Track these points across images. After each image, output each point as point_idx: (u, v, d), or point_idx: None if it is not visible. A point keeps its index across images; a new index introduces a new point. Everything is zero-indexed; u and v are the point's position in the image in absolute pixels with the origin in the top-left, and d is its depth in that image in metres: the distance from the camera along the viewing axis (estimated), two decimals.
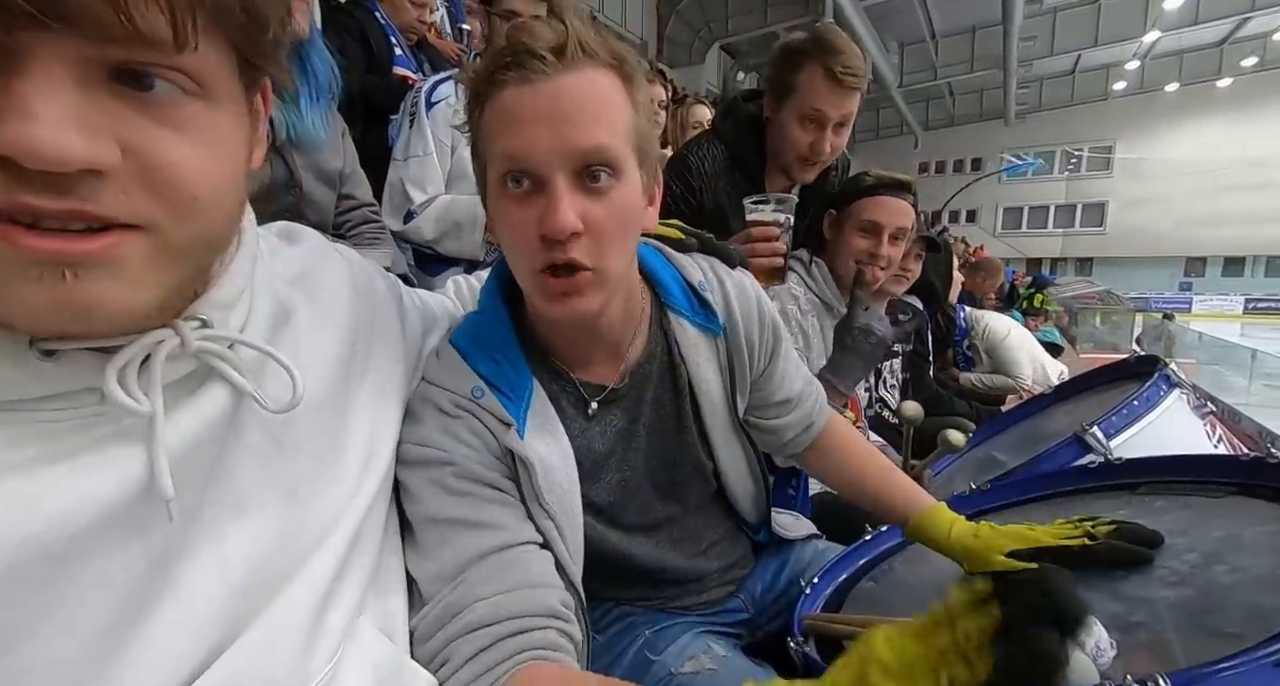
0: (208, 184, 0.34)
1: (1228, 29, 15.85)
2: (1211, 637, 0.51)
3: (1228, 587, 0.55)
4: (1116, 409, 0.96)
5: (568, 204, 0.53)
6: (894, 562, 0.88)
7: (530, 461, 0.60)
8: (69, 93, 0.28)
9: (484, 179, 0.59)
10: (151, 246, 0.32)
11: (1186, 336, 9.16)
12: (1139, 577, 0.61)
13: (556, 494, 0.61)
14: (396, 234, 1.50)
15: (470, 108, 0.58)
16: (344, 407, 0.53)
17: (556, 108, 0.52)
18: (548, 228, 0.53)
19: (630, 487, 0.72)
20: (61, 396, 0.35)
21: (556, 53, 0.52)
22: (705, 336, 0.72)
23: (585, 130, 0.53)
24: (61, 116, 0.27)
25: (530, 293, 0.60)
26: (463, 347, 0.63)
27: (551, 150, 0.52)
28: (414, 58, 2.06)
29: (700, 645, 0.75)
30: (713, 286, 0.73)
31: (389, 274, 0.67)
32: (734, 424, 0.76)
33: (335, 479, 0.50)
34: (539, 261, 0.55)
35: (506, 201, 0.56)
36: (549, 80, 0.52)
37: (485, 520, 0.57)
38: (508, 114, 0.53)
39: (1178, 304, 19.85)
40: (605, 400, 0.68)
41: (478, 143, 0.58)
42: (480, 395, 0.61)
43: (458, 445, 0.59)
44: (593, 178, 0.54)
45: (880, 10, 12.12)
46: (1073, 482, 0.87)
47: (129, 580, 0.36)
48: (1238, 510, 0.67)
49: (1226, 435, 0.98)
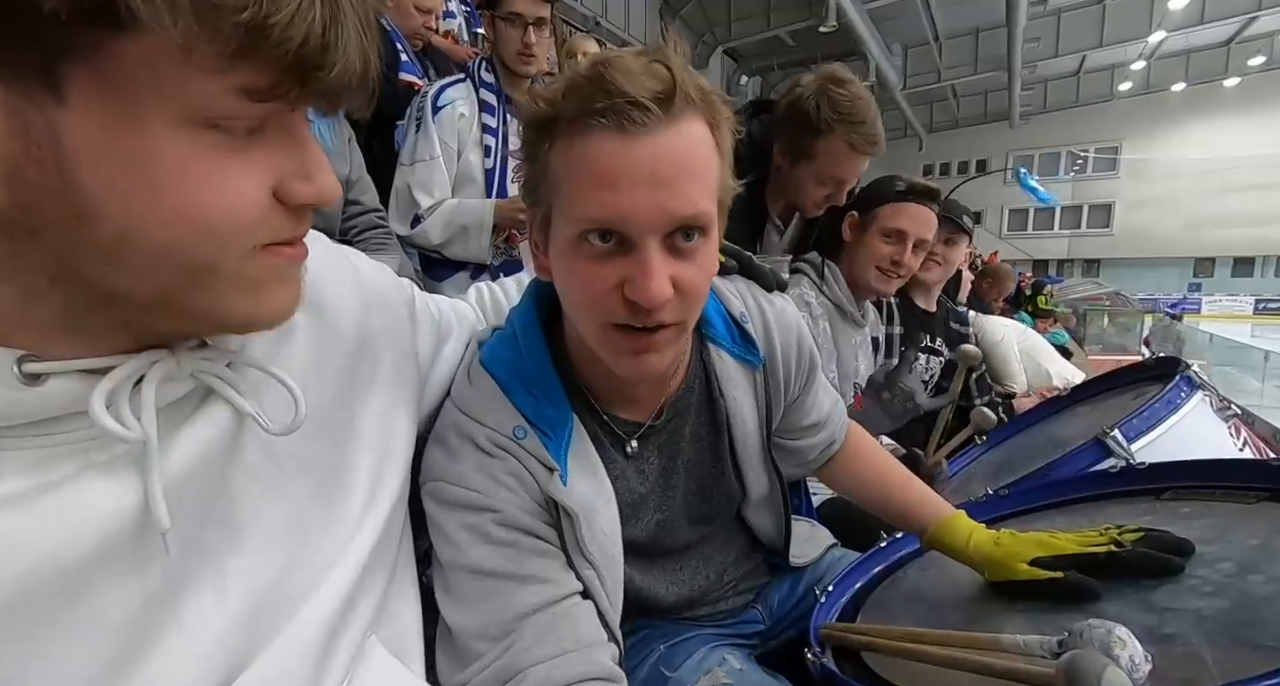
0: None
1: (1234, 28, 15.75)
2: (1250, 650, 0.49)
3: (1265, 599, 0.53)
4: (1138, 411, 0.94)
5: (662, 272, 0.50)
6: (909, 570, 0.86)
7: (574, 512, 0.58)
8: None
9: (547, 216, 0.55)
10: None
11: (1197, 338, 9.08)
12: (1170, 587, 0.59)
13: (599, 541, 0.60)
14: (403, 239, 1.50)
15: (536, 135, 0.53)
16: (349, 422, 0.51)
17: (657, 171, 0.48)
18: (639, 296, 0.50)
19: (667, 524, 0.71)
20: (52, 421, 0.34)
21: (660, 104, 0.47)
22: (744, 368, 0.71)
23: (686, 196, 0.49)
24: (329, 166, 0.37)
25: (596, 344, 0.56)
26: (500, 377, 0.60)
27: (649, 217, 0.49)
28: (420, 63, 2.06)
29: (715, 658, 0.74)
30: (753, 316, 0.71)
31: (401, 278, 0.65)
32: (765, 454, 0.75)
33: (342, 499, 0.48)
34: (615, 317, 0.52)
35: (583, 256, 0.51)
36: (650, 136, 0.48)
37: (529, 573, 0.56)
38: (598, 169, 0.48)
39: (1187, 305, 19.68)
40: (643, 436, 0.66)
41: (545, 177, 0.53)
42: (523, 436, 0.58)
43: (498, 489, 0.57)
44: (685, 238, 0.51)
45: (883, 13, 12.10)
46: (1094, 488, 0.85)
47: (126, 615, 0.35)
48: (1270, 516, 0.65)
49: (1251, 438, 0.95)
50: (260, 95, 0.31)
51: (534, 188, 0.55)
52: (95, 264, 0.31)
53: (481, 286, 0.81)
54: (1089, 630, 0.50)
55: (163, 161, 0.30)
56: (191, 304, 0.34)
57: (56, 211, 0.29)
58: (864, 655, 0.69)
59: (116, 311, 0.34)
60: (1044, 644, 0.53)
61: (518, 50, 1.47)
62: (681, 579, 0.77)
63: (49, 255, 0.31)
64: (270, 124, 0.33)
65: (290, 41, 0.29)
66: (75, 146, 0.28)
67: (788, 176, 1.32)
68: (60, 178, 0.29)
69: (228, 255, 0.33)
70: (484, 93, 1.52)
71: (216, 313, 0.35)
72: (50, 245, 0.31)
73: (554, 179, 0.52)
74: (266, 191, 0.34)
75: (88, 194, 0.29)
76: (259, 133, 0.33)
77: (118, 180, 0.29)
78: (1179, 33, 14.93)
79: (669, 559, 0.75)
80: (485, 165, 1.51)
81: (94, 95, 0.28)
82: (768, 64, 13.69)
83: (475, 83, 1.52)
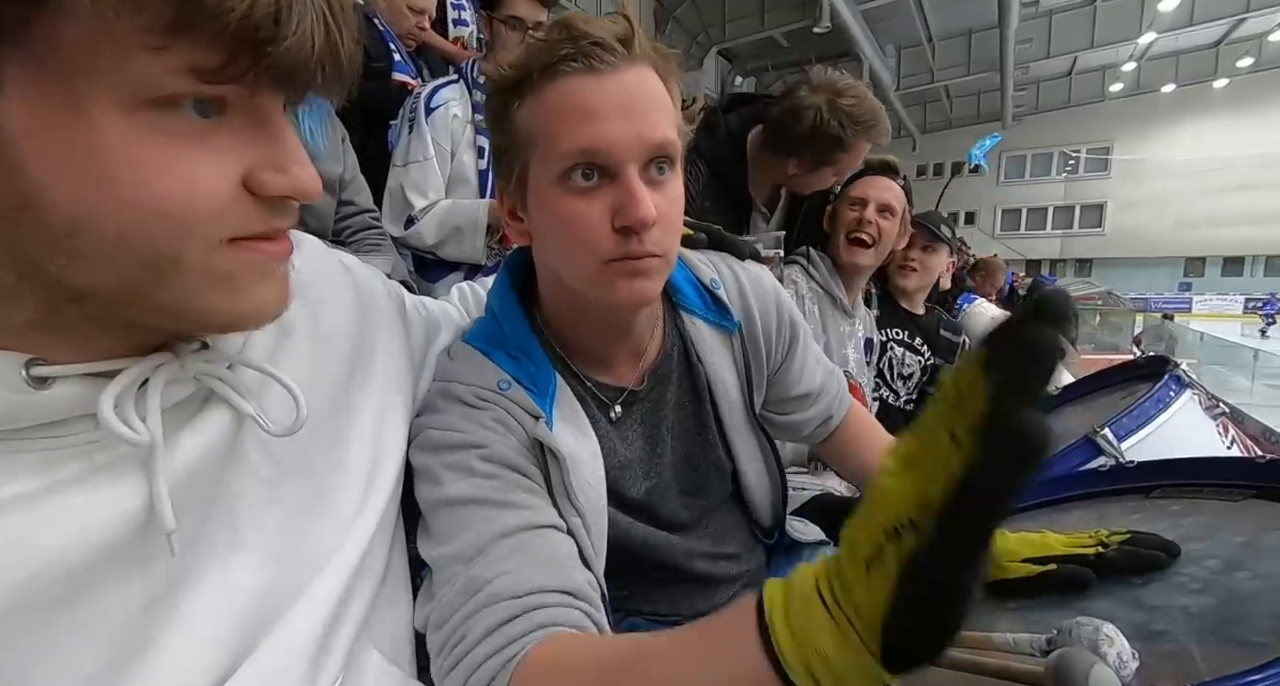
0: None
1: (1223, 30, 15.90)
2: (1236, 647, 0.49)
3: (1251, 595, 0.54)
4: (1128, 410, 0.95)
5: (648, 194, 0.53)
6: None
7: (560, 453, 0.58)
8: (298, 138, 0.35)
9: (522, 171, 0.57)
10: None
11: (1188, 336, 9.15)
12: (1158, 585, 0.59)
13: (585, 491, 0.60)
14: (397, 240, 1.49)
15: (504, 99, 0.56)
16: (346, 422, 0.51)
17: (629, 100, 0.52)
18: (631, 218, 0.52)
19: (658, 492, 0.71)
20: (58, 424, 0.34)
21: (624, 44, 0.52)
22: (720, 334, 0.72)
23: (657, 125, 0.53)
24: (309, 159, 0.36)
25: (590, 284, 0.57)
26: (480, 346, 0.62)
27: (628, 142, 0.52)
28: (413, 64, 2.05)
29: None
30: (726, 282, 0.72)
31: (390, 280, 0.65)
32: (751, 421, 0.75)
33: (338, 498, 0.48)
34: (610, 253, 0.54)
35: (568, 195, 0.54)
36: (617, 72, 0.52)
37: (510, 500, 0.55)
38: (576, 105, 0.52)
39: (1178, 304, 19.85)
40: (626, 402, 0.67)
41: (515, 138, 0.56)
42: (507, 387, 0.59)
43: (484, 430, 0.57)
44: (658, 170, 0.55)
45: (877, 14, 12.15)
46: (1085, 486, 0.85)
47: (129, 614, 0.35)
48: (1257, 514, 0.65)
49: (1239, 436, 0.96)
50: (211, 75, 0.29)
51: (505, 153, 0.58)
52: (51, 256, 0.30)
53: (463, 286, 0.82)
54: (1077, 628, 0.50)
55: (109, 148, 0.28)
56: (163, 300, 0.33)
57: (2, 201, 0.28)
58: None
59: (90, 308, 0.33)
60: (1033, 642, 0.53)
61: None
62: (691, 544, 0.75)
63: (4, 249, 0.30)
64: (236, 111, 0.32)
65: (230, 11, 0.27)
66: (14, 135, 0.27)
67: (804, 179, 1.36)
68: (3, 166, 0.28)
69: (191, 246, 0.32)
70: (478, 94, 1.52)
71: (192, 309, 0.34)
72: (3, 238, 0.30)
73: (527, 133, 0.55)
74: (232, 180, 0.32)
75: (33, 183, 0.28)
76: (223, 120, 0.32)
77: (62, 168, 0.28)
78: (1169, 34, 15.07)
79: (674, 533, 0.74)
80: (479, 166, 1.51)
81: (29, 82, 0.27)
82: (762, 65, 13.74)
83: (469, 83, 1.52)
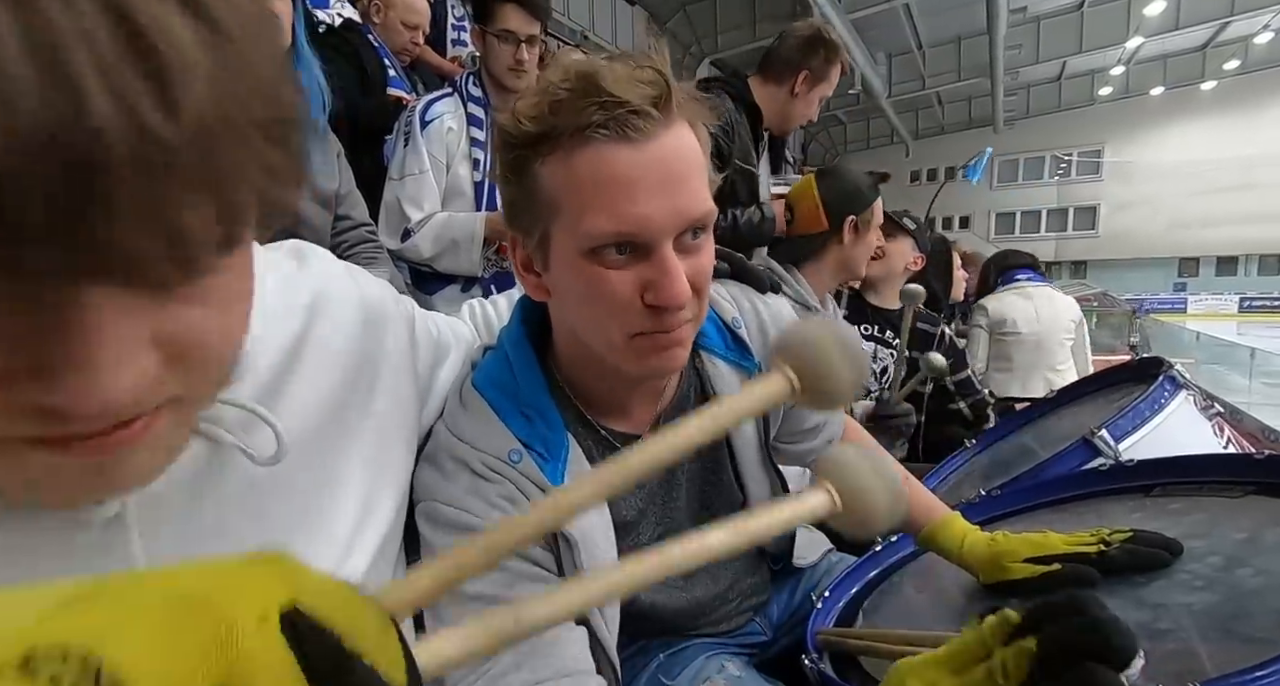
0: (232, 344, 0.31)
1: (1209, 33, 16.09)
2: (1240, 643, 0.49)
3: (1254, 591, 0.54)
4: (1124, 411, 0.95)
5: (682, 272, 0.49)
6: (907, 573, 0.87)
7: (572, 537, 0.56)
8: (111, 322, 0.23)
9: (545, 234, 0.53)
10: (179, 413, 0.30)
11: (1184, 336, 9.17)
12: (1161, 583, 0.59)
13: (596, 567, 0.58)
14: (394, 252, 1.50)
15: (522, 153, 0.51)
16: (342, 445, 0.49)
17: (667, 172, 0.48)
18: (664, 300, 0.49)
19: (669, 539, 0.70)
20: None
21: (659, 107, 0.48)
22: (739, 373, 0.70)
23: (696, 195, 0.50)
24: (122, 356, 0.24)
25: (617, 356, 0.55)
26: (492, 400, 0.59)
27: (666, 219, 0.48)
28: (407, 79, 2.07)
29: (714, 666, 0.74)
30: (747, 320, 0.71)
31: (402, 296, 0.63)
32: (764, 460, 0.74)
33: (333, 517, 0.47)
34: (639, 327, 0.52)
35: (598, 268, 0.50)
36: (654, 142, 0.48)
37: (517, 597, 0.54)
38: (610, 181, 0.48)
39: (1173, 304, 19.93)
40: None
41: (536, 197, 0.51)
42: (518, 459, 0.57)
43: (492, 511, 0.55)
44: (694, 236, 0.52)
45: (867, 22, 12.28)
46: (1085, 486, 0.85)
47: None
48: (1257, 510, 0.65)
49: (1234, 436, 0.97)
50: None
51: (523, 209, 0.54)
52: None
53: (474, 303, 0.81)
54: None
55: None
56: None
57: None
58: (861, 660, 0.69)
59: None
60: None
61: (509, 66, 1.49)
62: (691, 591, 0.75)
63: None
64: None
65: None
66: None
67: (801, 101, 1.73)
68: None
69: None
70: (472, 107, 1.53)
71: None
72: None
73: (552, 195, 0.51)
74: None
75: None
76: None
77: None
78: (1155, 38, 15.23)
79: (679, 579, 0.74)
80: (474, 178, 1.52)
81: None
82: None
83: (463, 97, 1.54)
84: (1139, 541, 0.63)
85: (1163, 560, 0.61)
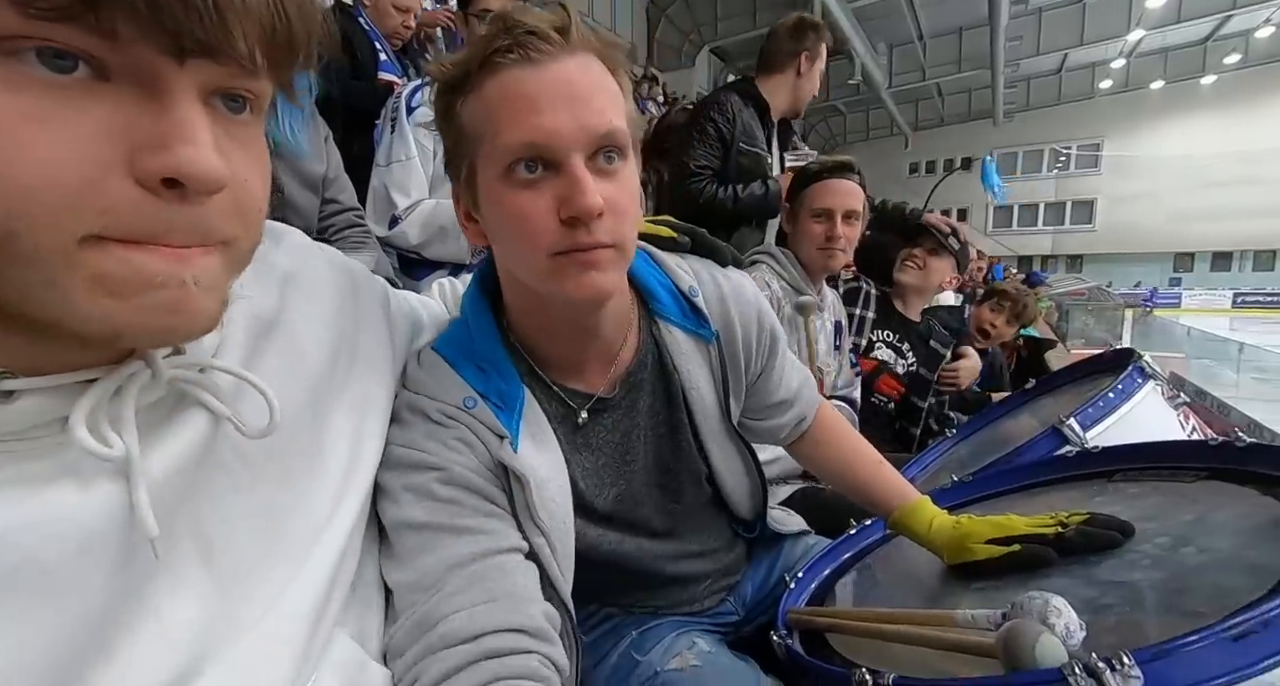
0: (264, 198, 0.36)
1: (1210, 27, 16.02)
2: (1180, 617, 0.51)
3: (1195, 568, 0.56)
4: (1092, 401, 0.97)
5: (593, 184, 0.51)
6: (878, 555, 0.89)
7: (525, 476, 0.58)
8: (205, 118, 0.30)
9: (470, 169, 0.56)
10: (227, 258, 0.34)
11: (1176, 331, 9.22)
12: (1112, 562, 0.62)
13: (549, 509, 0.60)
14: (382, 239, 1.50)
15: (448, 98, 0.55)
16: (324, 421, 0.51)
17: (570, 89, 0.51)
18: (577, 208, 0.51)
19: (628, 498, 0.71)
20: (33, 427, 0.33)
21: (560, 33, 0.51)
22: (697, 342, 0.71)
23: (601, 113, 0.52)
24: (210, 141, 0.30)
25: (541, 279, 0.56)
26: (448, 356, 0.61)
27: (571, 132, 0.51)
28: (399, 63, 2.06)
29: (685, 642, 0.76)
30: (706, 291, 0.72)
31: (375, 275, 0.65)
32: (728, 428, 0.75)
33: (314, 495, 0.48)
34: (558, 245, 0.53)
35: (513, 189, 0.53)
36: (556, 62, 0.51)
37: (469, 525, 0.56)
38: (515, 97, 0.51)
39: (1168, 299, 20.00)
40: (594, 409, 0.67)
41: (461, 136, 0.55)
42: (473, 405, 0.59)
43: (446, 451, 0.57)
44: (607, 160, 0.54)
45: (868, 12, 12.20)
46: (1051, 472, 0.88)
47: (102, 607, 0.35)
48: (1208, 494, 0.68)
49: (1199, 425, 0.99)
50: (33, 6, 0.24)
51: (453, 152, 0.57)
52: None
53: (443, 281, 0.83)
54: (1028, 602, 0.52)
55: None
56: (29, 293, 0.29)
57: None
58: (828, 636, 0.71)
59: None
60: (990, 617, 0.55)
61: None
62: (661, 545, 0.76)
63: None
64: (122, 77, 0.28)
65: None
66: None
67: (806, 80, 1.95)
68: None
69: (39, 228, 0.27)
70: None
71: (57, 311, 0.29)
72: None
73: (472, 128, 0.54)
74: (93, 156, 0.27)
75: None
76: (103, 87, 0.28)
77: None
78: (1157, 31, 15.18)
79: (648, 540, 0.75)
80: None
81: None
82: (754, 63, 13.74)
83: None
84: (1094, 523, 0.65)
85: (1115, 541, 0.63)
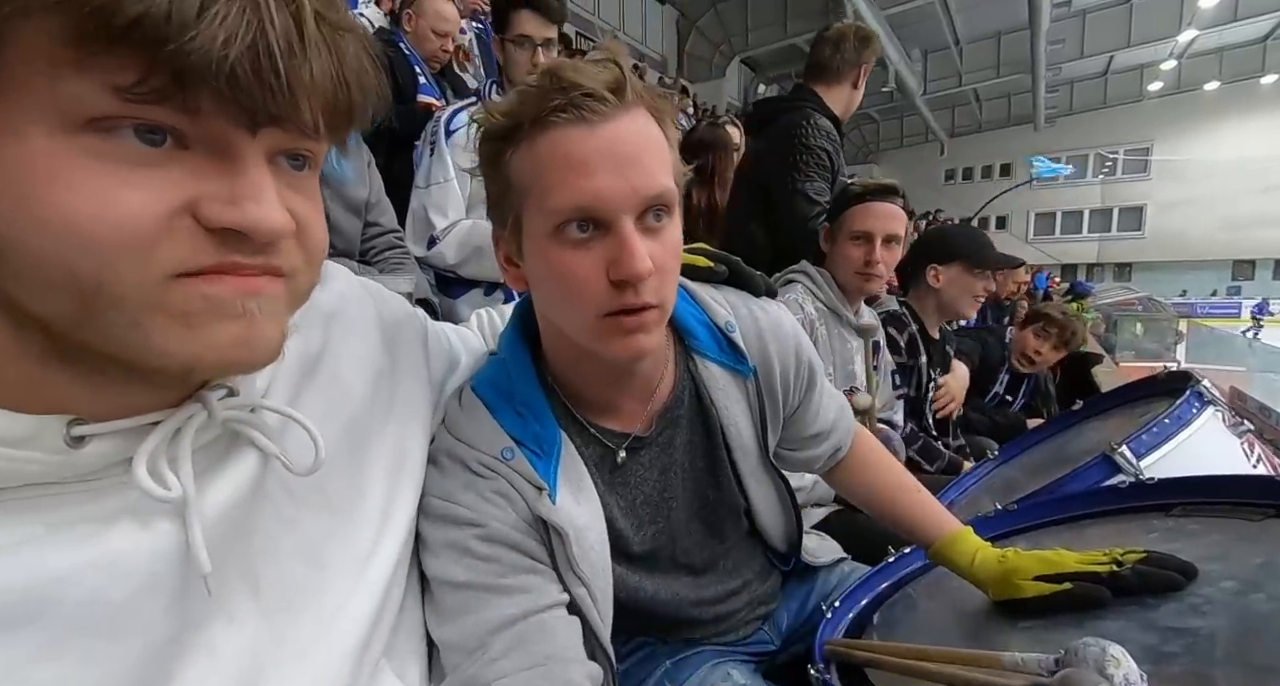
0: (324, 238, 0.40)
1: (1270, 25, 15.32)
2: (1250, 670, 0.48)
3: (1266, 617, 0.52)
4: (1146, 427, 0.93)
5: (642, 247, 0.52)
6: (918, 586, 0.86)
7: (564, 531, 0.58)
8: (270, 177, 0.35)
9: (517, 222, 0.56)
10: (289, 290, 0.38)
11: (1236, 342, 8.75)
12: (1172, 606, 0.58)
13: (590, 558, 0.60)
14: (420, 259, 1.54)
15: (496, 146, 0.55)
16: (365, 454, 0.52)
17: (621, 151, 0.51)
18: (626, 272, 0.51)
19: (668, 536, 0.71)
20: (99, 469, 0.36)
21: (614, 93, 0.52)
22: (734, 377, 0.70)
23: (651, 175, 0.53)
24: (275, 198, 0.34)
25: (588, 339, 0.57)
26: (487, 399, 0.62)
27: (623, 194, 0.51)
28: (437, 85, 2.12)
29: (720, 673, 0.75)
30: (744, 325, 0.71)
31: (415, 309, 0.66)
32: (765, 462, 0.75)
33: (357, 528, 0.50)
34: (606, 306, 0.54)
35: (562, 248, 0.53)
36: (609, 123, 0.51)
37: (509, 585, 0.56)
38: (568, 158, 0.51)
39: (1227, 309, 19.04)
40: (631, 447, 0.67)
41: (508, 186, 0.55)
42: (510, 457, 0.59)
43: (485, 505, 0.57)
44: (655, 218, 0.54)
45: (902, 18, 12.05)
46: (1103, 504, 0.83)
47: (159, 644, 0.37)
48: (1276, 534, 0.64)
49: (1266, 454, 0.93)
50: (131, 92, 0.28)
51: (499, 199, 0.58)
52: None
53: (482, 313, 0.84)
54: (1084, 648, 0.50)
55: (35, 166, 0.28)
56: (105, 333, 0.32)
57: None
58: (868, 671, 0.69)
59: (50, 342, 0.33)
60: (1041, 662, 0.53)
61: (527, 71, 1.52)
62: (700, 588, 0.76)
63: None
64: (197, 143, 0.32)
65: (120, 12, 0.26)
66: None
67: (858, 91, 1.87)
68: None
69: (120, 275, 0.30)
70: None
71: (138, 346, 0.32)
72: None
73: (520, 182, 0.54)
74: (165, 208, 0.31)
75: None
76: (179, 153, 0.32)
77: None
78: (1211, 31, 14.59)
79: (688, 574, 0.75)
80: None
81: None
82: (785, 72, 13.72)
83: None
84: (1152, 562, 0.62)
85: (1175, 583, 0.60)
